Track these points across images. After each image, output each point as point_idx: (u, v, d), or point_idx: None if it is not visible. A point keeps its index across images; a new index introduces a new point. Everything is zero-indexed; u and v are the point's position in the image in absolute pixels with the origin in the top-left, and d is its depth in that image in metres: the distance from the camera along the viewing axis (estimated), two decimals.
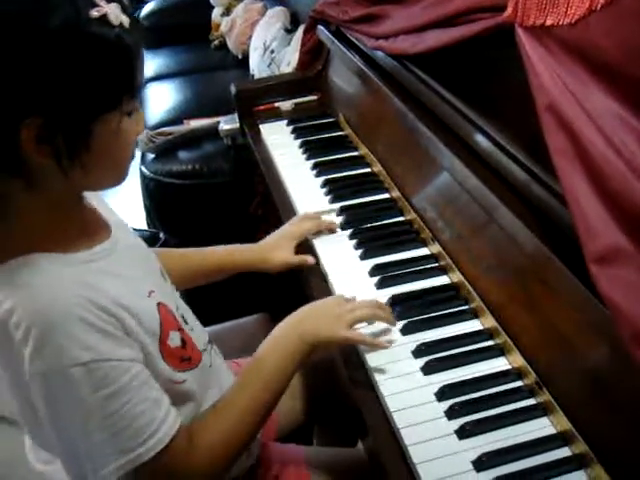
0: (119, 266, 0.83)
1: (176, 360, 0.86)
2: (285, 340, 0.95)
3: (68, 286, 0.75)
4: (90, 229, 0.85)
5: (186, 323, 0.93)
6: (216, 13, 3.50)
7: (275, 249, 1.20)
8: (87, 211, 0.87)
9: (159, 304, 0.86)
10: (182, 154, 2.27)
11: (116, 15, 0.71)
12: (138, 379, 0.78)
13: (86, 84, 0.70)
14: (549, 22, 0.82)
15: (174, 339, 0.86)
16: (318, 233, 1.25)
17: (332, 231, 1.26)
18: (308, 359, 0.95)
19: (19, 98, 0.69)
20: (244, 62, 3.07)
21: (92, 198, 0.89)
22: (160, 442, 0.79)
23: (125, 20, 0.72)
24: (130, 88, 0.75)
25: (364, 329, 1.00)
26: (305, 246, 1.24)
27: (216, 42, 3.43)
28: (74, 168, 0.74)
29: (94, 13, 0.69)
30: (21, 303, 0.73)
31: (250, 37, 3.05)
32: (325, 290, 1.15)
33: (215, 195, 2.21)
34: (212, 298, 1.22)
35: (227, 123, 2.10)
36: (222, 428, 0.87)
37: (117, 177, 0.82)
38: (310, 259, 1.18)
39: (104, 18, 0.70)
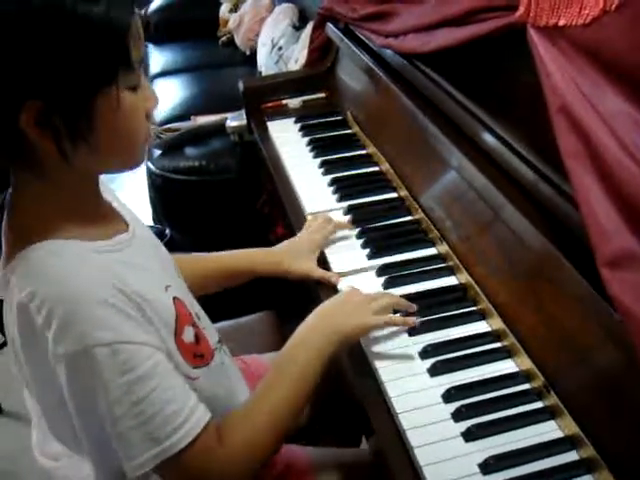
0: (138, 259, 0.83)
1: (190, 356, 0.85)
2: (314, 337, 0.93)
3: (89, 269, 0.75)
4: (107, 219, 0.85)
5: (199, 320, 0.93)
6: (224, 9, 3.49)
7: (297, 258, 1.17)
8: (103, 203, 0.86)
9: (175, 298, 0.85)
10: (189, 150, 2.26)
11: None
12: (163, 366, 0.77)
13: (77, 61, 0.69)
14: (562, 22, 0.81)
15: (188, 334, 0.85)
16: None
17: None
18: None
19: (12, 83, 0.68)
20: (252, 59, 3.06)
21: (107, 194, 0.89)
22: (192, 430, 0.77)
23: None
24: (125, 61, 0.73)
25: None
26: None
27: (224, 38, 3.42)
28: (80, 150, 0.73)
29: None
30: (42, 287, 0.73)
31: (258, 34, 3.05)
32: (331, 290, 1.14)
33: (222, 192, 2.21)
34: (218, 295, 1.21)
35: (234, 120, 2.09)
36: (252, 427, 0.85)
37: (130, 158, 0.81)
38: (335, 278, 1.14)
39: None
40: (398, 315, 1.02)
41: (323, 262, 1.19)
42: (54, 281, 0.73)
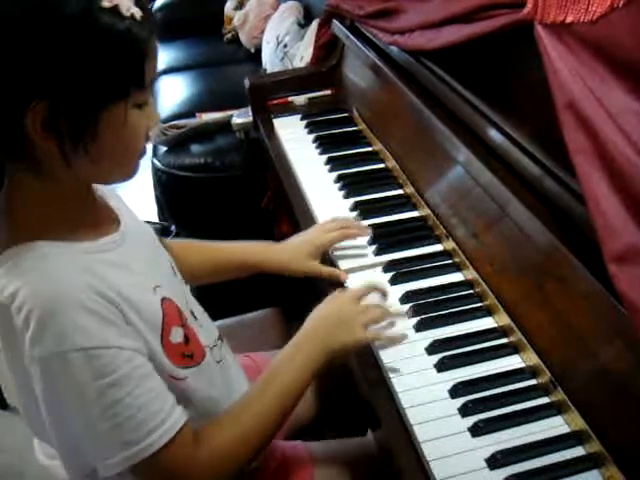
0: (126, 259, 0.83)
1: (177, 356, 0.85)
2: (303, 352, 0.93)
3: (71, 272, 0.75)
4: (98, 221, 0.85)
5: (195, 319, 0.93)
6: (229, 6, 3.49)
7: (303, 256, 1.16)
8: (96, 203, 0.87)
9: (164, 299, 0.85)
10: (194, 147, 2.27)
11: (127, 7, 0.70)
12: (141, 370, 0.78)
13: (93, 72, 0.70)
14: (569, 19, 0.81)
15: (176, 335, 0.85)
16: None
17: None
18: (325, 368, 0.94)
19: (26, 81, 0.69)
20: (256, 56, 3.06)
21: (104, 190, 0.90)
22: (166, 434, 0.78)
23: (137, 12, 0.71)
24: (138, 80, 0.74)
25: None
26: None
27: (229, 36, 3.43)
28: (80, 157, 0.74)
29: (105, 3, 0.69)
30: (23, 288, 0.73)
31: (263, 31, 3.05)
32: (337, 285, 1.14)
33: (227, 189, 2.21)
34: (223, 292, 1.22)
35: (240, 117, 2.09)
36: (234, 434, 0.86)
37: (126, 171, 0.82)
38: (343, 275, 1.15)
39: (115, 9, 0.70)
40: (386, 332, 1.01)
41: (330, 258, 1.19)
42: (35, 283, 0.73)
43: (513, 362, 0.95)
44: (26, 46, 0.68)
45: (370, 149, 1.51)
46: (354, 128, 1.60)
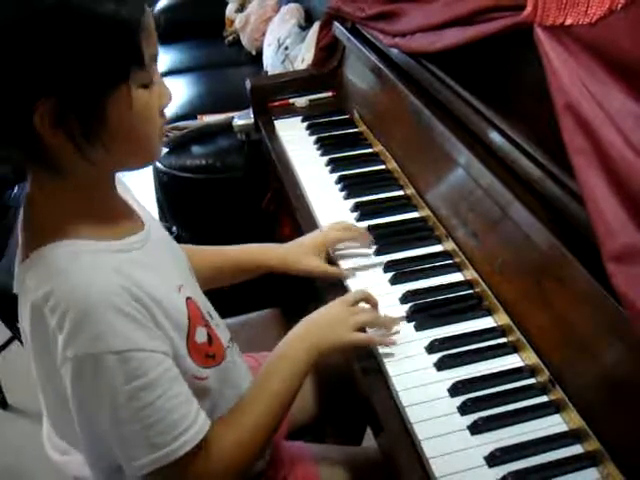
0: (151, 259, 0.83)
1: (201, 356, 0.86)
2: (294, 352, 0.95)
3: (104, 273, 0.75)
4: (122, 219, 0.85)
5: (212, 318, 0.93)
6: (230, 9, 3.50)
7: (306, 255, 1.17)
8: (119, 202, 0.87)
9: (188, 299, 0.86)
10: (196, 149, 2.27)
11: None
12: (170, 373, 0.78)
13: (88, 59, 0.69)
14: (569, 22, 0.82)
15: (201, 335, 0.86)
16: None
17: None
18: (317, 364, 0.96)
19: (25, 83, 0.68)
20: (258, 58, 3.07)
21: (124, 192, 0.90)
22: (192, 440, 0.78)
23: None
24: (136, 59, 0.73)
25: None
26: None
27: (230, 38, 3.43)
28: (96, 148, 0.73)
29: None
30: (57, 288, 0.73)
31: (264, 33, 3.06)
32: (338, 285, 1.15)
33: (228, 190, 2.21)
34: (224, 292, 1.22)
35: (241, 118, 2.10)
36: (235, 437, 0.87)
37: (145, 154, 0.81)
38: (345, 273, 1.16)
39: None
40: (377, 333, 1.02)
41: (330, 258, 1.20)
42: (69, 284, 0.73)
43: (512, 361, 0.96)
44: (15, 48, 0.67)
45: (371, 150, 1.52)
46: (355, 130, 1.61)
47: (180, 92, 2.89)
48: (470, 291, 1.09)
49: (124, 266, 0.77)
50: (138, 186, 1.37)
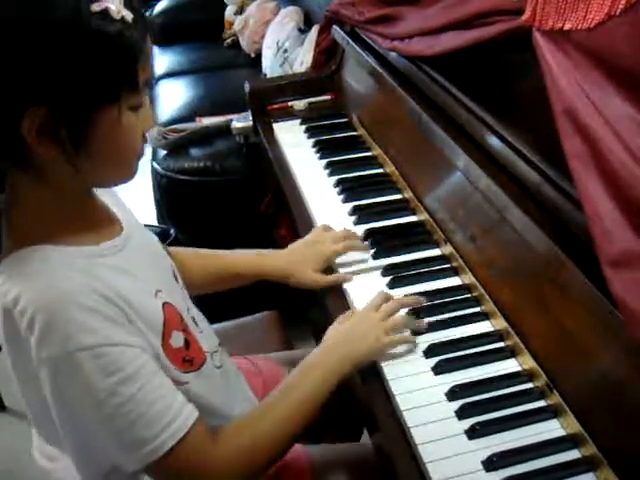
0: (127, 263, 0.84)
1: (178, 361, 0.86)
2: (328, 361, 0.94)
3: (73, 275, 0.76)
4: (100, 225, 0.85)
5: (196, 325, 0.94)
6: (229, 11, 3.51)
7: (305, 270, 1.16)
8: (97, 207, 0.87)
9: (165, 304, 0.86)
10: (194, 151, 2.27)
11: (117, 10, 0.71)
12: (148, 367, 0.78)
13: (85, 76, 0.70)
14: (567, 26, 0.82)
15: (177, 339, 0.86)
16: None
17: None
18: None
19: (20, 89, 0.69)
20: (256, 61, 3.07)
21: (106, 195, 0.90)
22: (180, 430, 0.78)
23: (127, 15, 0.72)
24: (130, 83, 0.75)
25: None
26: None
27: (229, 40, 3.44)
28: (82, 160, 0.74)
29: (95, 7, 0.69)
30: (26, 291, 0.73)
31: (263, 36, 3.06)
32: (336, 289, 1.15)
33: (226, 193, 2.21)
34: (221, 296, 1.22)
35: (240, 121, 2.10)
36: (252, 438, 0.86)
37: (124, 173, 0.82)
38: (346, 277, 1.16)
39: (105, 12, 0.70)
40: (408, 333, 1.02)
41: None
42: (37, 286, 0.74)
43: (510, 366, 0.96)
44: (18, 54, 0.68)
45: (369, 154, 1.52)
46: (353, 133, 1.61)
47: (178, 94, 2.90)
48: (468, 295, 1.09)
49: (95, 269, 0.78)
50: (136, 188, 1.37)
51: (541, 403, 0.90)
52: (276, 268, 1.18)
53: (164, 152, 2.31)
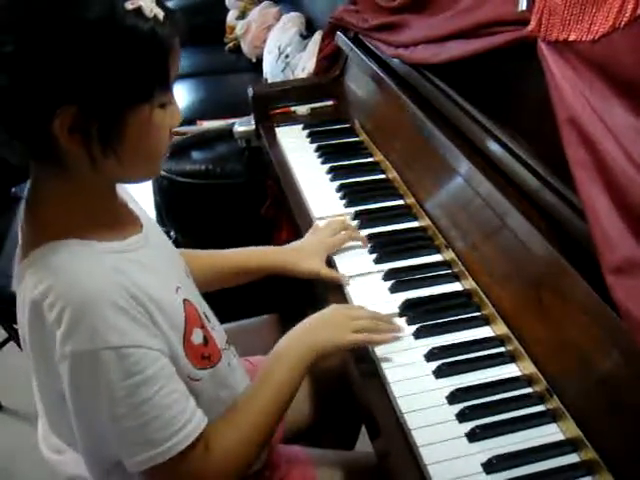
0: (149, 260, 0.84)
1: (197, 357, 0.87)
2: (293, 351, 0.96)
3: (103, 271, 0.76)
4: (123, 221, 0.86)
5: (209, 321, 0.94)
6: (231, 16, 3.52)
7: (307, 258, 1.18)
8: (119, 204, 0.88)
9: (185, 300, 0.87)
10: (195, 154, 2.28)
11: (150, 8, 0.71)
12: (167, 370, 0.79)
13: (119, 74, 0.71)
14: (572, 38, 0.84)
15: (197, 336, 0.87)
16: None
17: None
18: (315, 365, 0.97)
19: (53, 86, 0.70)
20: (258, 66, 3.09)
21: (124, 194, 0.91)
22: (189, 436, 0.79)
23: (159, 12, 0.72)
24: (162, 80, 0.75)
25: None
26: None
27: (230, 45, 3.45)
28: (107, 158, 0.75)
29: (128, 5, 0.70)
30: (56, 285, 0.74)
31: (265, 41, 3.07)
32: (338, 292, 1.16)
33: (227, 196, 2.22)
34: (223, 298, 1.23)
35: (242, 125, 2.11)
36: (235, 435, 0.88)
37: (150, 170, 0.83)
38: (345, 278, 1.17)
39: (139, 10, 0.71)
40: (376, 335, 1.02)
41: (330, 265, 1.21)
42: (68, 280, 0.74)
43: (510, 370, 0.97)
44: (52, 52, 0.68)
45: (371, 160, 1.53)
46: (355, 139, 1.63)
47: (180, 97, 2.91)
48: (469, 300, 1.10)
49: (123, 266, 0.79)
50: (137, 190, 1.38)
51: (540, 407, 0.91)
52: (277, 257, 1.20)
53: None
